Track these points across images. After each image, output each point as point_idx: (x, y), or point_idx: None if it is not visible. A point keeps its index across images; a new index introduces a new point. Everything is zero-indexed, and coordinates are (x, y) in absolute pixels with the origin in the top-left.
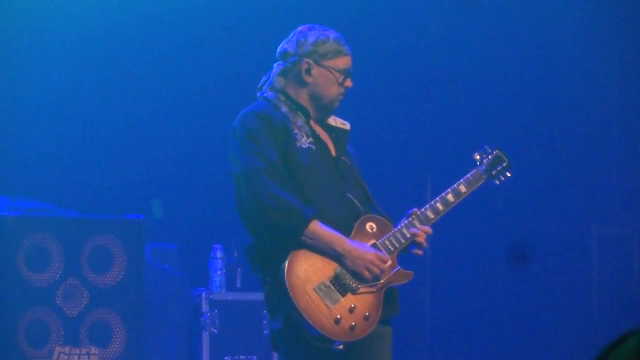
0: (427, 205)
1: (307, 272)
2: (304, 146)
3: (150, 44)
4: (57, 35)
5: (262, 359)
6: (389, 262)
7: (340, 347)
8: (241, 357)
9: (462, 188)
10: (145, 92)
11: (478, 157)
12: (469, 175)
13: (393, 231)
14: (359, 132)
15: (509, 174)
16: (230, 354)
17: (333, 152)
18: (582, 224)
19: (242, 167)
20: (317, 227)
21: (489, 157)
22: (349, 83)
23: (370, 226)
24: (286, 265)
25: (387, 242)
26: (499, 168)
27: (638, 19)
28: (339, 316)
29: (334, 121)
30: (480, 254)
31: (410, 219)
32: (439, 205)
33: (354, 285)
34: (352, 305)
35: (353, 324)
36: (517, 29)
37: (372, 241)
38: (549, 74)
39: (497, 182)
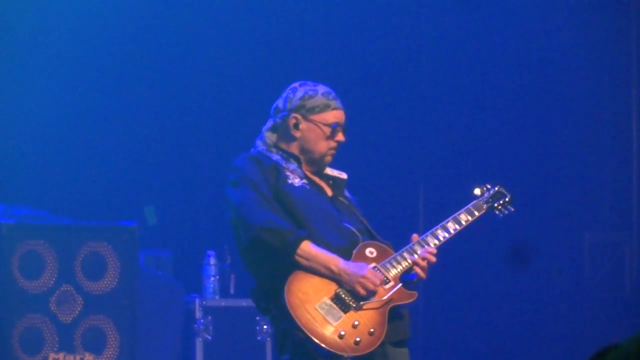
0: (428, 232)
1: (306, 293)
2: (296, 184)
3: (145, 51)
4: (53, 43)
5: None
6: (391, 283)
7: None
8: None
9: (463, 217)
10: (139, 99)
11: (479, 192)
12: (469, 205)
13: (394, 255)
14: (351, 140)
15: (512, 209)
16: None
17: (329, 193)
18: (574, 230)
19: (235, 203)
20: (310, 247)
21: (490, 192)
22: (340, 137)
23: (370, 251)
24: (286, 287)
25: (387, 265)
26: (501, 202)
27: (629, 26)
28: (342, 332)
29: (331, 171)
30: (473, 261)
31: (411, 244)
32: (439, 233)
33: (355, 303)
34: (356, 322)
35: (358, 339)
36: (508, 35)
37: (373, 264)
38: (541, 81)
39: (500, 215)
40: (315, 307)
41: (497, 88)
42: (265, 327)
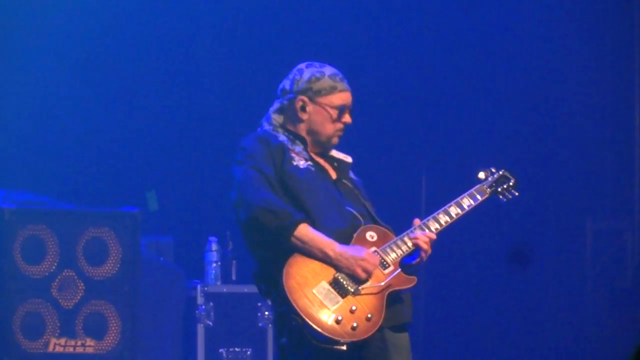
0: (430, 217)
1: (305, 276)
2: (301, 166)
3: (145, 36)
4: (52, 27)
5: (256, 351)
6: (390, 268)
7: (344, 347)
8: (236, 349)
9: (466, 201)
10: (140, 84)
11: (483, 175)
12: (472, 189)
13: (395, 239)
14: (354, 129)
15: (516, 193)
16: (225, 346)
17: (333, 176)
18: (576, 217)
19: (237, 181)
20: (307, 230)
21: (494, 175)
22: (347, 119)
23: (371, 235)
24: (284, 270)
25: (388, 250)
26: (504, 186)
27: (632, 18)
28: (339, 317)
29: (337, 154)
30: (474, 249)
31: (412, 228)
32: (441, 217)
33: (353, 287)
34: (353, 307)
35: (355, 324)
36: (510, 29)
37: (373, 249)
38: (542, 69)
39: (504, 200)
40: (313, 291)
41: (500, 76)
42: (266, 313)
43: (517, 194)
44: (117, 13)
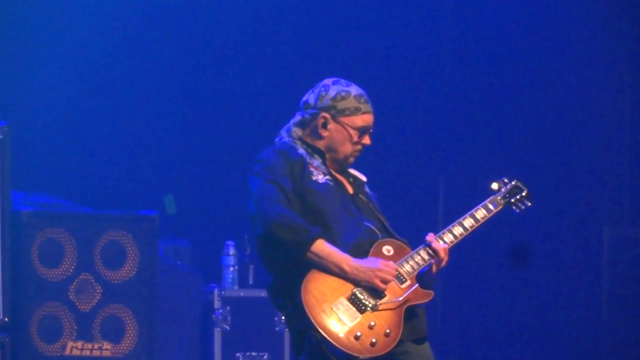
0: (445, 230)
1: (323, 292)
2: (320, 181)
3: (163, 39)
4: (70, 28)
5: (273, 355)
6: (407, 282)
7: None
8: (253, 353)
9: (480, 213)
10: (159, 88)
11: (496, 186)
12: (486, 201)
13: (410, 253)
14: (372, 135)
15: (529, 203)
16: (242, 350)
17: (350, 191)
18: (593, 225)
19: (254, 195)
20: (323, 246)
21: (507, 186)
22: (366, 141)
23: (387, 249)
24: (302, 286)
25: (404, 264)
26: (517, 197)
27: None
28: (358, 333)
29: (352, 171)
30: (489, 256)
31: (427, 242)
32: (456, 230)
33: (371, 303)
34: (372, 323)
35: (374, 340)
36: (528, 32)
37: (390, 263)
38: (559, 73)
39: (517, 210)
40: (332, 307)
41: (517, 83)
42: (283, 318)
43: (529, 204)
44: (138, 18)
